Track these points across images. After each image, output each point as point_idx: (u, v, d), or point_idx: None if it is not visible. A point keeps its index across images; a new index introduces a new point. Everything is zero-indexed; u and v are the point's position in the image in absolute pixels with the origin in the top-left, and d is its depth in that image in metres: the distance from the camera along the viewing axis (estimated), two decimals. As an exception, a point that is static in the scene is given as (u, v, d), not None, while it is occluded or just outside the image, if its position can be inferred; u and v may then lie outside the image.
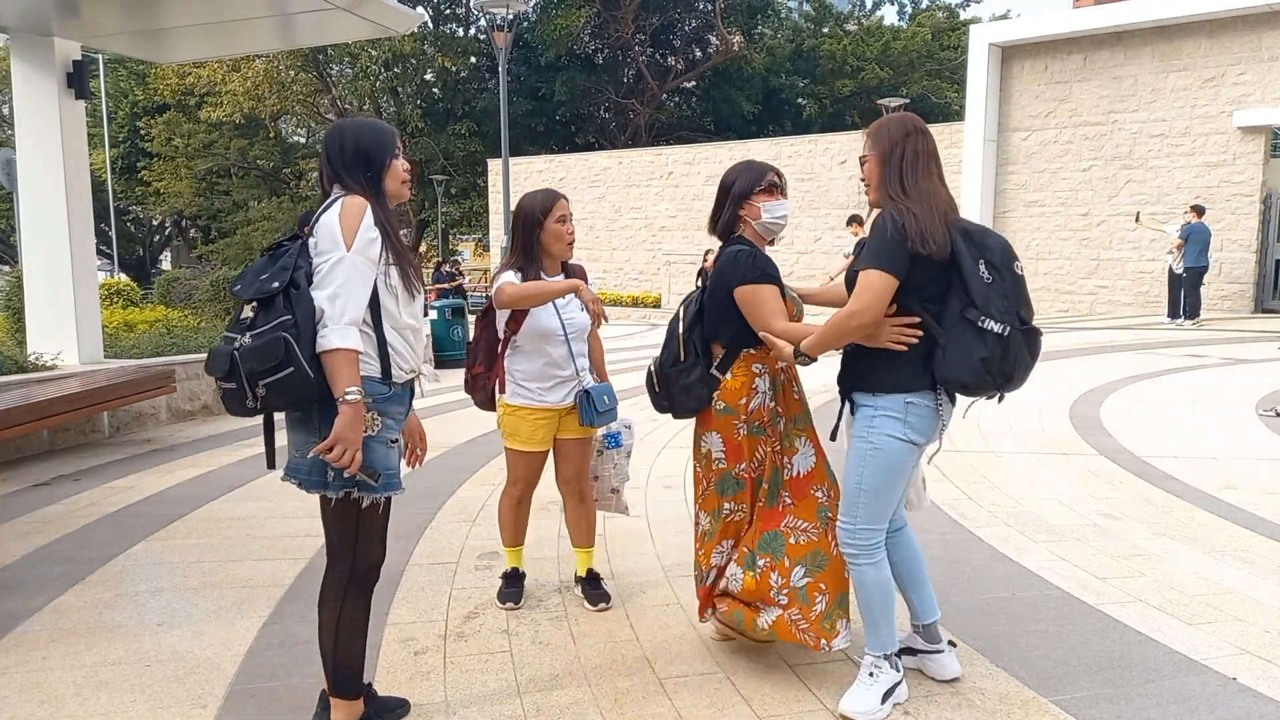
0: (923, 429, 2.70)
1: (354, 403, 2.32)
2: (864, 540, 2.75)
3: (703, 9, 32.14)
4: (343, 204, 2.40)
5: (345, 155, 2.48)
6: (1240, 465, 5.86)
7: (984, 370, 2.52)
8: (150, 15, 7.21)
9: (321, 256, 2.37)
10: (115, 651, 3.24)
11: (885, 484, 2.72)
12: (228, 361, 2.31)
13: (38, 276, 7.71)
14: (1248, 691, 2.91)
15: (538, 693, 2.92)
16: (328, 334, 2.31)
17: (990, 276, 2.55)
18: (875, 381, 2.70)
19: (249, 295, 2.35)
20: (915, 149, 2.67)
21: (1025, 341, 2.57)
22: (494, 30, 10.44)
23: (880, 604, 2.78)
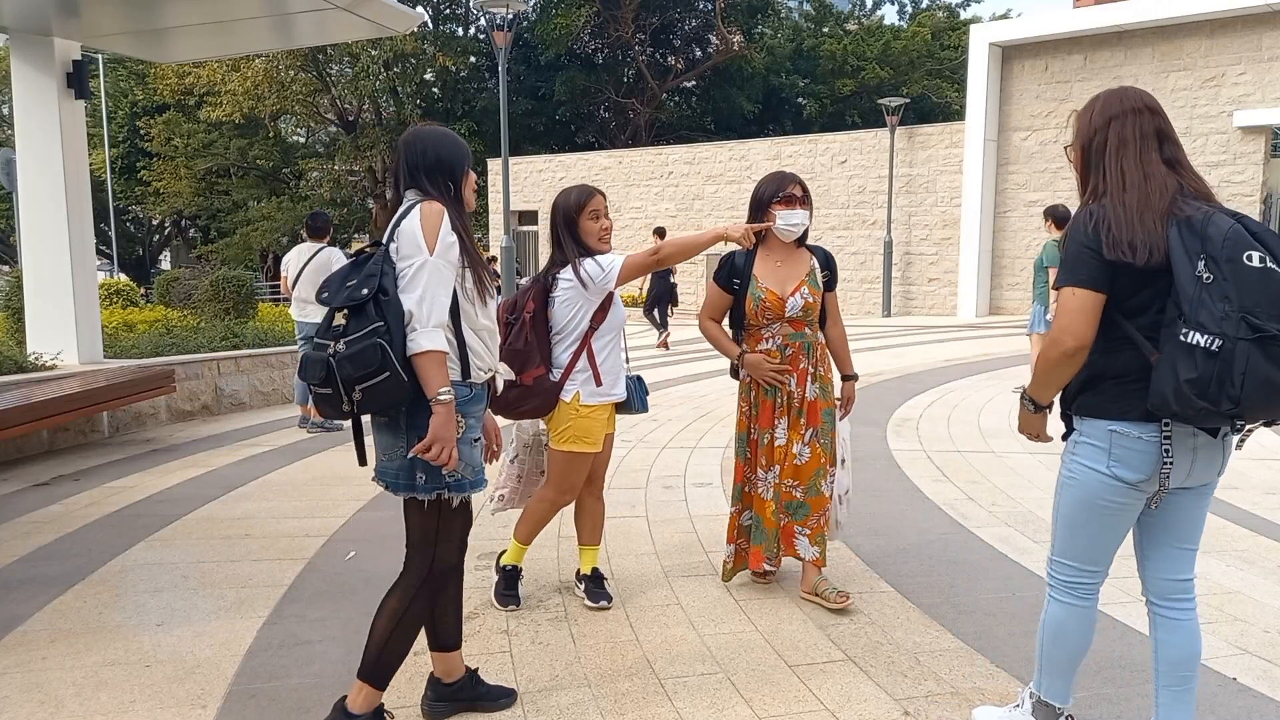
0: (1133, 464, 2.22)
1: (447, 402, 2.39)
2: (1060, 574, 2.41)
3: (703, 9, 32.13)
4: (422, 210, 2.46)
5: (428, 162, 2.55)
6: (1240, 465, 5.86)
7: (1194, 394, 2.01)
8: (150, 15, 7.20)
9: (405, 261, 2.42)
10: (115, 651, 3.24)
11: (1083, 519, 2.32)
12: (324, 368, 2.36)
13: (38, 276, 7.70)
14: (1248, 691, 2.91)
15: (538, 693, 2.92)
16: (417, 337, 2.37)
17: (1210, 275, 2.04)
18: (1083, 405, 2.31)
19: (339, 303, 2.40)
20: (1121, 134, 2.26)
21: (1263, 354, 1.97)
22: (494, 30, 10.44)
23: (1051, 649, 2.43)
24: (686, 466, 5.97)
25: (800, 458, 3.51)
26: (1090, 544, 2.34)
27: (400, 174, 2.60)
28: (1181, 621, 2.35)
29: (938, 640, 3.31)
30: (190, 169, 32.87)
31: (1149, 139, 2.26)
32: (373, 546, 4.38)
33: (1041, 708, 2.50)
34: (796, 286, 3.50)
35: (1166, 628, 2.36)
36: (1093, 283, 2.17)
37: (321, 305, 2.48)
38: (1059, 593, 2.43)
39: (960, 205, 18.89)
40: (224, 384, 8.36)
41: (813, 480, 3.52)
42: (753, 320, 3.53)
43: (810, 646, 3.25)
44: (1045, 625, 2.46)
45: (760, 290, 3.50)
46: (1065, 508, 2.37)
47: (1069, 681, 2.47)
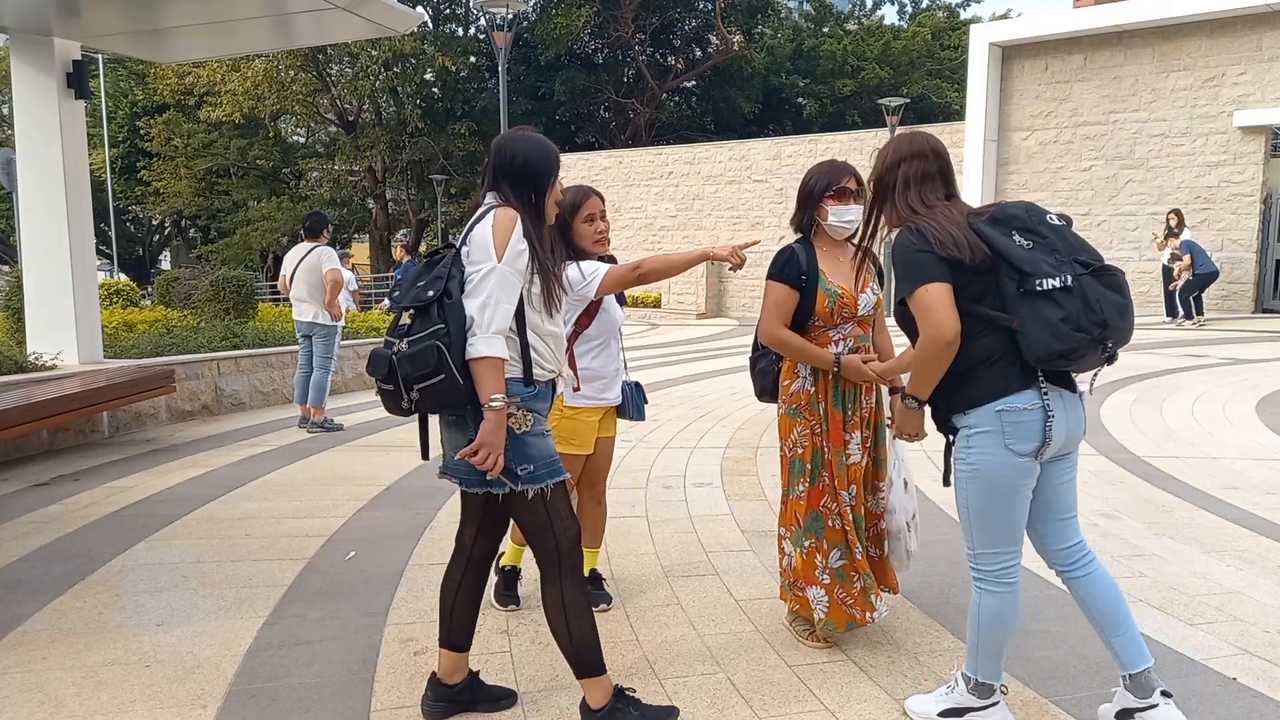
0: (1025, 435, 2.42)
1: (498, 409, 2.42)
2: (985, 565, 2.55)
3: (703, 9, 32.13)
4: (495, 216, 2.49)
5: (514, 168, 2.56)
6: (1240, 465, 5.86)
7: (1070, 329, 2.28)
8: (150, 15, 7.20)
9: (474, 266, 2.46)
10: (115, 651, 3.24)
11: (992, 506, 2.49)
12: (386, 365, 2.45)
13: (38, 276, 7.71)
14: (1248, 691, 2.91)
15: (538, 693, 2.92)
16: (476, 342, 2.41)
17: (1029, 242, 2.38)
18: (962, 398, 2.48)
19: (406, 303, 2.48)
20: (906, 175, 2.58)
21: (1101, 283, 2.33)
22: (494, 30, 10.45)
23: (988, 636, 2.56)
24: (686, 466, 5.97)
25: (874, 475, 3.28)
26: (1005, 526, 2.52)
27: (485, 175, 2.63)
28: (1092, 574, 2.59)
29: (938, 640, 3.31)
30: (190, 169, 32.88)
31: (931, 178, 2.59)
32: (373, 546, 4.38)
33: (980, 687, 2.63)
34: (865, 284, 3.22)
35: (1083, 585, 2.60)
36: (940, 276, 2.41)
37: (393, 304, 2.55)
38: (988, 584, 2.56)
39: (960, 205, 18.87)
40: (224, 384, 8.36)
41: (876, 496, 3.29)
42: (824, 320, 3.14)
43: (810, 646, 3.24)
44: (980, 617, 2.59)
45: (834, 286, 3.15)
46: (974, 501, 2.53)
47: (1003, 660, 2.63)
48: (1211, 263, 14.13)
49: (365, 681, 3.00)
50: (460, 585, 2.77)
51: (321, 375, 7.46)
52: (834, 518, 3.16)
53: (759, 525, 4.66)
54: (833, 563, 3.15)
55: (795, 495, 3.22)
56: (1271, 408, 7.77)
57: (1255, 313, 15.90)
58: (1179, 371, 9.59)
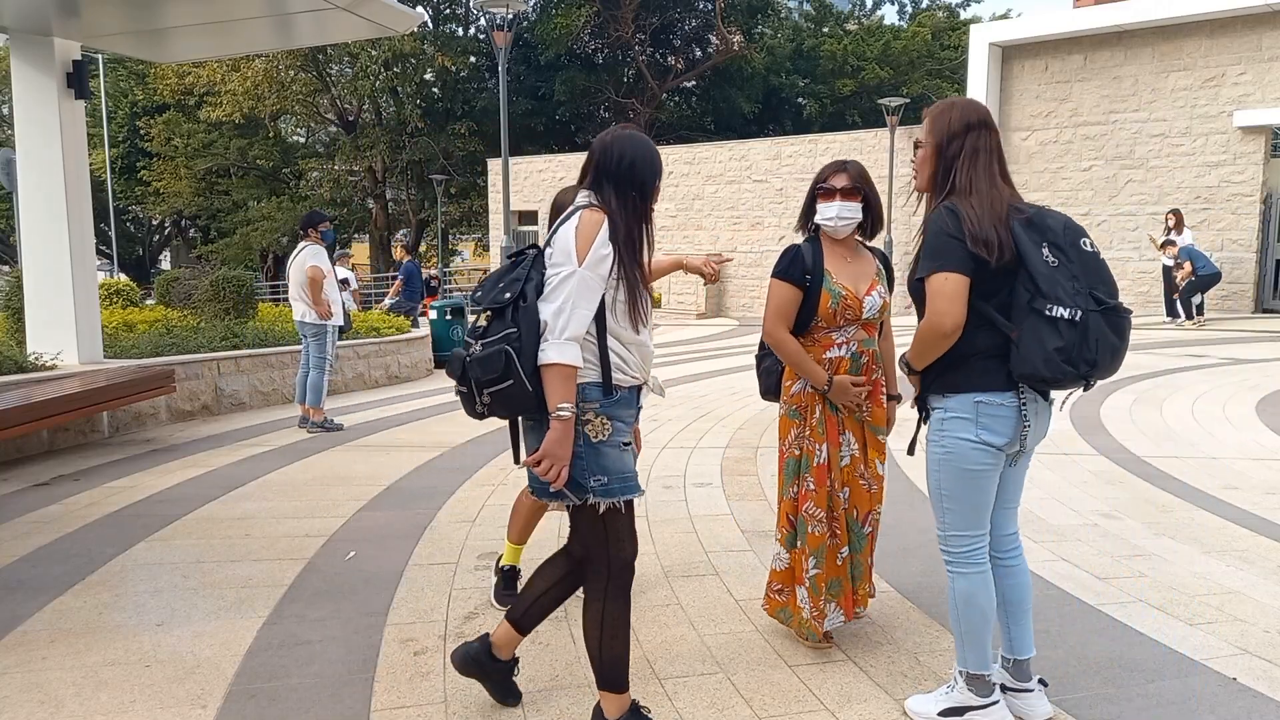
0: (997, 429, 2.51)
1: (565, 419, 2.34)
2: (955, 547, 2.64)
3: (703, 9, 32.13)
4: (581, 217, 2.41)
5: (620, 168, 2.46)
6: (1240, 465, 5.86)
7: (1061, 361, 2.34)
8: (150, 15, 7.20)
9: (553, 269, 2.38)
10: (115, 651, 3.24)
11: (964, 489, 2.58)
12: (460, 367, 2.41)
13: (38, 276, 7.71)
14: (1248, 691, 2.91)
15: (538, 693, 2.92)
16: (547, 348, 2.34)
17: (1055, 259, 2.38)
18: (946, 383, 2.56)
19: (485, 304, 2.42)
20: (975, 144, 2.53)
21: (1106, 323, 2.36)
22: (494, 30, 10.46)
23: (967, 620, 2.63)
24: (686, 466, 5.97)
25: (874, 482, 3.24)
26: (973, 509, 2.61)
27: (587, 172, 2.53)
28: (1016, 566, 2.75)
29: (938, 640, 3.31)
30: (190, 169, 32.89)
31: (994, 153, 2.56)
32: (373, 546, 4.38)
33: (974, 681, 2.65)
34: (871, 285, 3.16)
35: (1009, 574, 2.74)
36: (962, 267, 2.41)
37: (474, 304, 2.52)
38: (959, 566, 2.65)
39: (960, 205, 18.88)
40: (224, 384, 8.36)
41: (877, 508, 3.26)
42: (827, 321, 3.10)
43: (810, 646, 3.24)
44: (956, 603, 2.66)
45: (838, 286, 3.10)
46: (945, 484, 2.61)
47: (988, 648, 2.65)
48: (1212, 264, 14.14)
49: (365, 681, 3.00)
50: (554, 581, 2.68)
51: (316, 375, 7.38)
52: (815, 524, 3.13)
53: (759, 525, 4.66)
54: (809, 570, 3.15)
55: (789, 497, 3.22)
56: (1271, 408, 7.77)
57: (1255, 313, 15.90)
58: (1179, 371, 9.60)
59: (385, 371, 10.45)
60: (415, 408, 8.56)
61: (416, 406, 8.64)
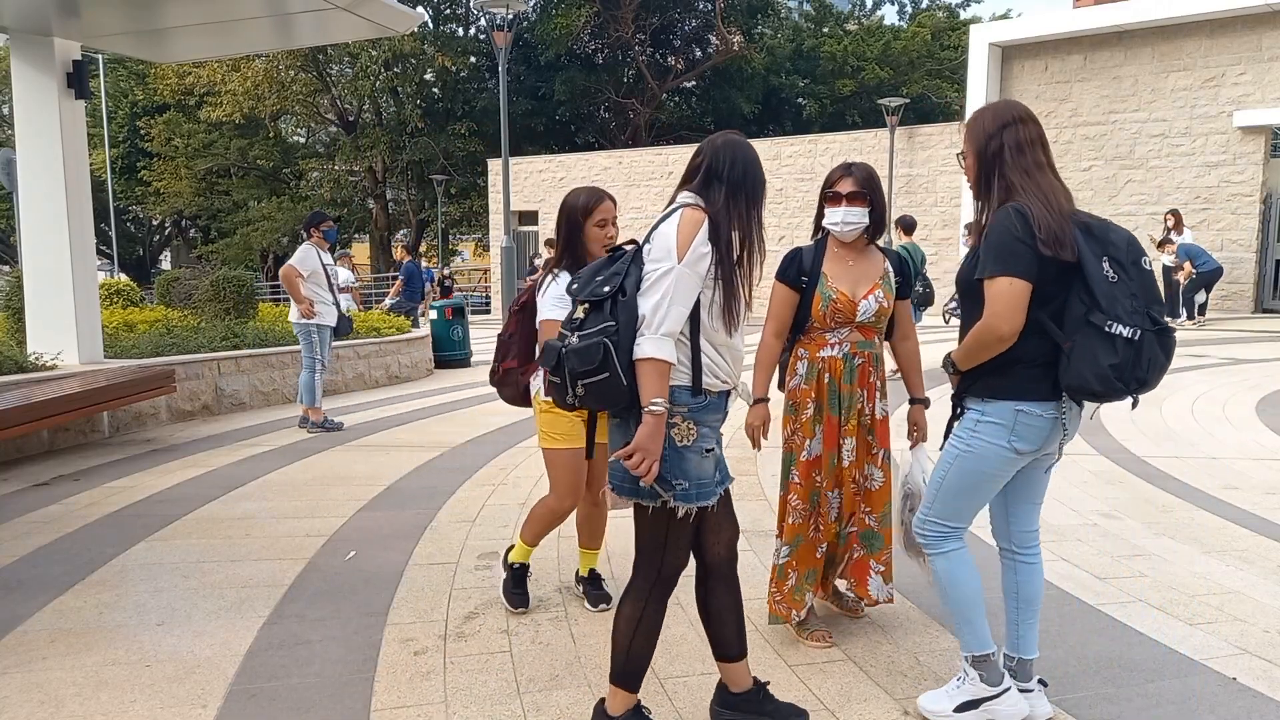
0: (1032, 438, 2.51)
1: (657, 414, 2.33)
2: (932, 531, 2.68)
3: (703, 9, 32.13)
4: (683, 215, 2.42)
5: (734, 173, 2.47)
6: (1240, 465, 5.86)
7: (1115, 377, 2.33)
8: (150, 15, 7.21)
9: (652, 264, 2.39)
10: (115, 651, 3.24)
11: (970, 487, 2.60)
12: (555, 357, 2.41)
13: (38, 276, 7.71)
14: (1248, 691, 2.91)
15: (538, 693, 2.92)
16: (643, 342, 2.34)
17: (1115, 275, 2.35)
18: (989, 387, 2.53)
19: (582, 297, 2.44)
20: (1016, 140, 2.49)
21: (1159, 343, 2.35)
22: (494, 30, 10.46)
23: (955, 600, 2.64)
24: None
25: (873, 481, 3.28)
26: (970, 506, 2.64)
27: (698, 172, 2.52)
28: (1034, 564, 2.76)
29: (938, 640, 3.31)
30: (190, 169, 32.89)
31: (1038, 144, 2.52)
32: (373, 546, 4.38)
33: (980, 664, 2.65)
34: (870, 289, 3.19)
35: (1024, 571, 2.75)
36: (1029, 274, 2.38)
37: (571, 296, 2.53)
38: (938, 546, 2.68)
39: (960, 205, 18.89)
40: (224, 384, 8.36)
41: (886, 508, 3.29)
42: (819, 323, 3.18)
43: (810, 646, 3.24)
44: (942, 585, 2.67)
45: (831, 290, 3.17)
46: (956, 477, 2.61)
47: (983, 625, 2.66)
48: (1213, 260, 14.11)
49: (365, 681, 3.00)
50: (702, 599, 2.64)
51: (307, 376, 7.33)
52: (795, 514, 3.25)
53: (759, 525, 4.66)
54: (780, 556, 3.27)
55: (783, 491, 3.32)
56: (1271, 408, 7.77)
57: (1255, 313, 15.90)
58: (1179, 371, 9.59)
59: (385, 371, 10.45)
60: (415, 408, 8.56)
61: (416, 406, 8.64)
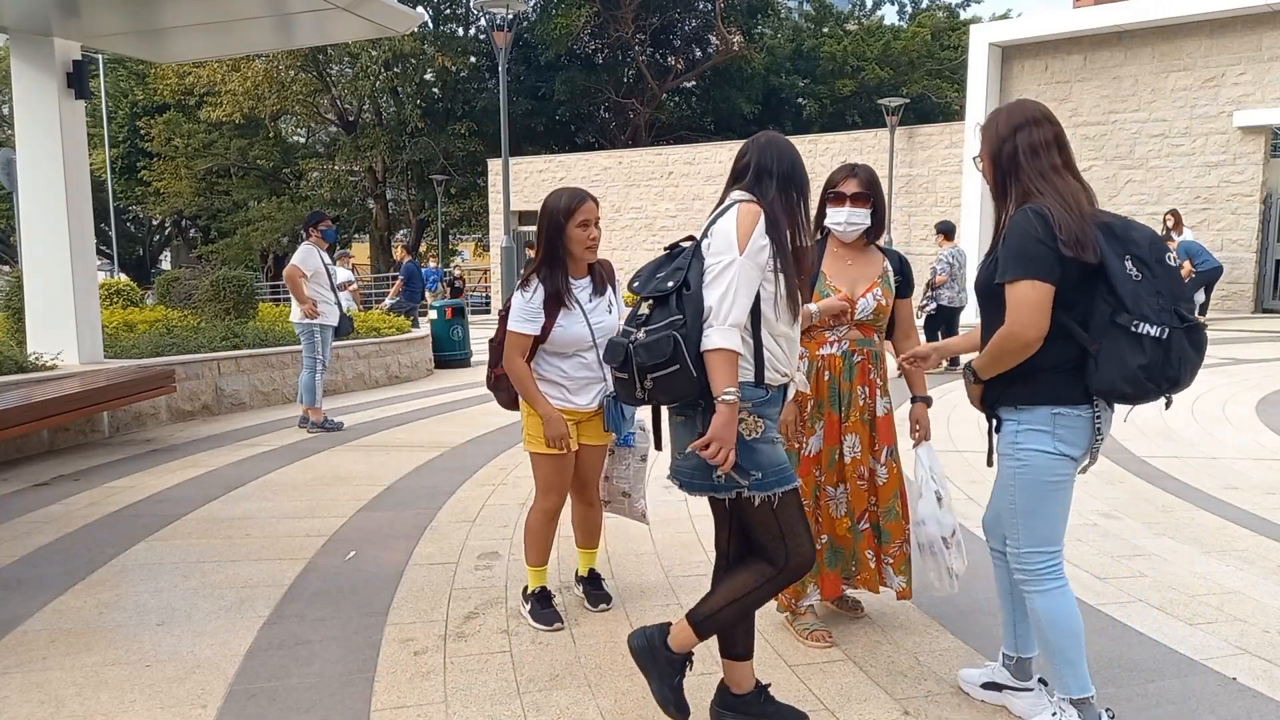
0: (1074, 441, 2.45)
1: (730, 403, 2.37)
2: (1030, 564, 2.53)
3: (703, 9, 32.13)
4: (740, 209, 2.48)
5: (784, 169, 2.57)
6: (1240, 465, 5.86)
7: (1145, 378, 2.29)
8: (150, 15, 7.21)
9: (715, 258, 2.44)
10: (115, 651, 3.24)
11: (1041, 502, 2.50)
12: (623, 353, 2.46)
13: (38, 276, 7.71)
14: (1248, 691, 2.91)
15: (538, 693, 2.92)
16: (711, 333, 2.38)
17: (1139, 274, 2.30)
18: (1020, 395, 2.48)
19: (646, 293, 2.49)
20: (1031, 141, 2.46)
21: (1189, 340, 2.30)
22: (494, 30, 10.47)
23: (1058, 640, 2.49)
24: (686, 466, 5.96)
25: (880, 477, 3.29)
26: (1052, 522, 2.52)
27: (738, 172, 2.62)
28: None
29: (938, 640, 3.31)
30: (190, 169, 32.89)
31: (1054, 145, 2.46)
32: (373, 546, 4.38)
33: (1080, 706, 2.51)
34: (868, 287, 3.24)
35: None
36: (1051, 276, 2.33)
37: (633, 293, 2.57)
38: (1038, 584, 2.52)
39: (960, 205, 18.90)
40: (224, 384, 8.36)
41: (891, 503, 3.30)
42: (817, 321, 3.23)
43: (810, 646, 3.24)
44: (1049, 623, 2.50)
45: (828, 288, 3.23)
46: (1024, 497, 2.51)
47: (1084, 667, 2.52)
48: (1213, 259, 14.05)
49: (365, 681, 3.00)
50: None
51: (306, 376, 7.33)
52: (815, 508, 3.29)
53: (759, 525, 4.66)
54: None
55: None
56: (1271, 408, 7.77)
57: (1255, 313, 15.90)
58: (1179, 371, 9.58)
59: (385, 371, 10.45)
60: (415, 408, 8.56)
61: (416, 406, 8.64)
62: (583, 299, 3.35)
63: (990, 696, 2.82)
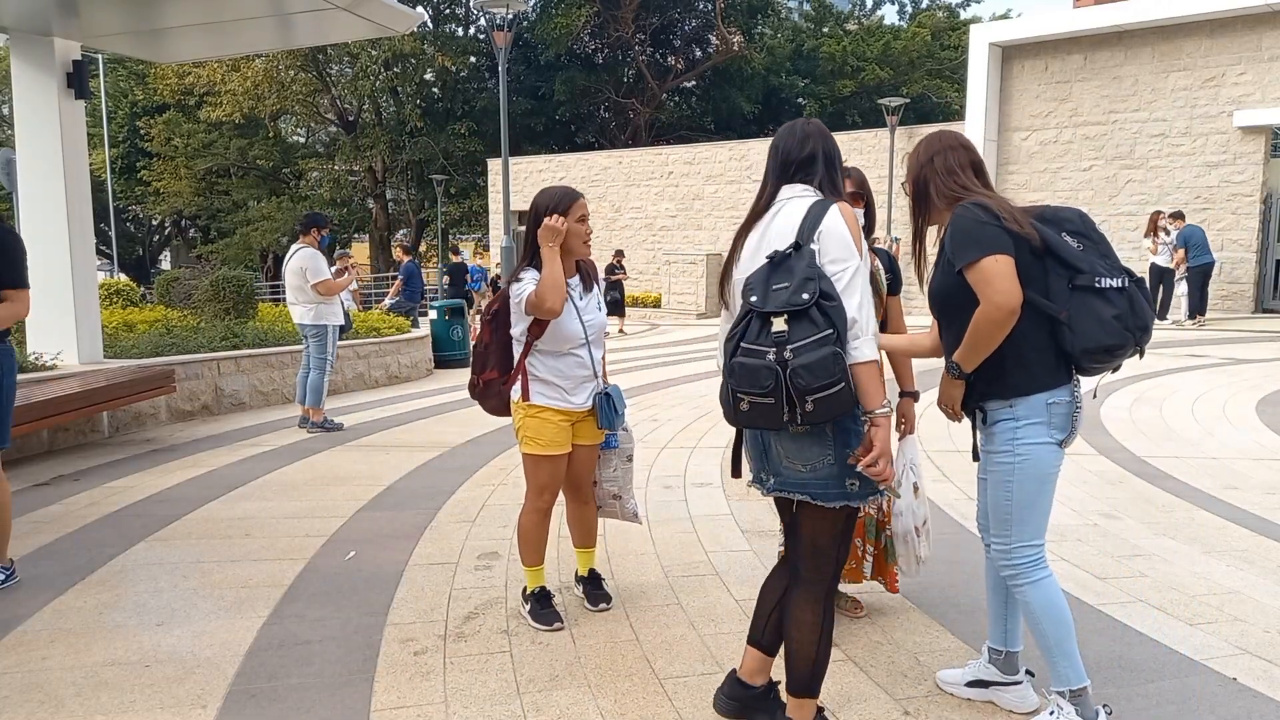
0: (1062, 425, 2.52)
1: (888, 414, 2.31)
2: (1021, 558, 2.57)
3: (703, 9, 32.14)
4: (842, 211, 2.35)
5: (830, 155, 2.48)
6: (1240, 465, 5.86)
7: (1122, 327, 2.39)
8: (150, 15, 7.20)
9: (839, 265, 2.29)
10: (115, 651, 3.24)
11: (1037, 494, 2.54)
12: (772, 377, 2.20)
13: (38, 276, 7.64)
14: (1248, 691, 2.91)
15: (538, 693, 2.92)
16: (861, 345, 2.27)
17: (1081, 245, 2.46)
18: (1010, 386, 2.50)
19: (774, 308, 2.25)
20: (947, 164, 2.61)
21: (1141, 292, 2.46)
22: (494, 30, 10.46)
23: (1052, 630, 2.54)
24: (686, 466, 5.97)
25: None
26: (1042, 515, 2.58)
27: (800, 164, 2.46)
28: None
29: (938, 640, 3.31)
30: (190, 169, 32.90)
31: (967, 168, 2.63)
32: (373, 546, 4.38)
33: (1075, 698, 2.54)
34: None
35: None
36: (1006, 248, 2.42)
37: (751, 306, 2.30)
38: (1029, 575, 2.57)
39: (960, 205, 18.89)
40: (224, 384, 8.36)
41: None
42: None
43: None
44: (1035, 614, 2.56)
45: None
46: (1019, 494, 2.55)
47: (1078, 657, 2.55)
48: (1208, 254, 13.95)
49: (365, 681, 3.00)
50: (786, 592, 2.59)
51: (316, 376, 7.37)
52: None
53: (759, 525, 4.66)
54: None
55: None
56: (1271, 408, 7.77)
57: (1255, 313, 15.90)
58: (1179, 371, 9.60)
59: (385, 371, 10.45)
60: (415, 408, 8.56)
61: (416, 406, 8.64)
62: (574, 296, 3.37)
63: (976, 694, 2.83)
